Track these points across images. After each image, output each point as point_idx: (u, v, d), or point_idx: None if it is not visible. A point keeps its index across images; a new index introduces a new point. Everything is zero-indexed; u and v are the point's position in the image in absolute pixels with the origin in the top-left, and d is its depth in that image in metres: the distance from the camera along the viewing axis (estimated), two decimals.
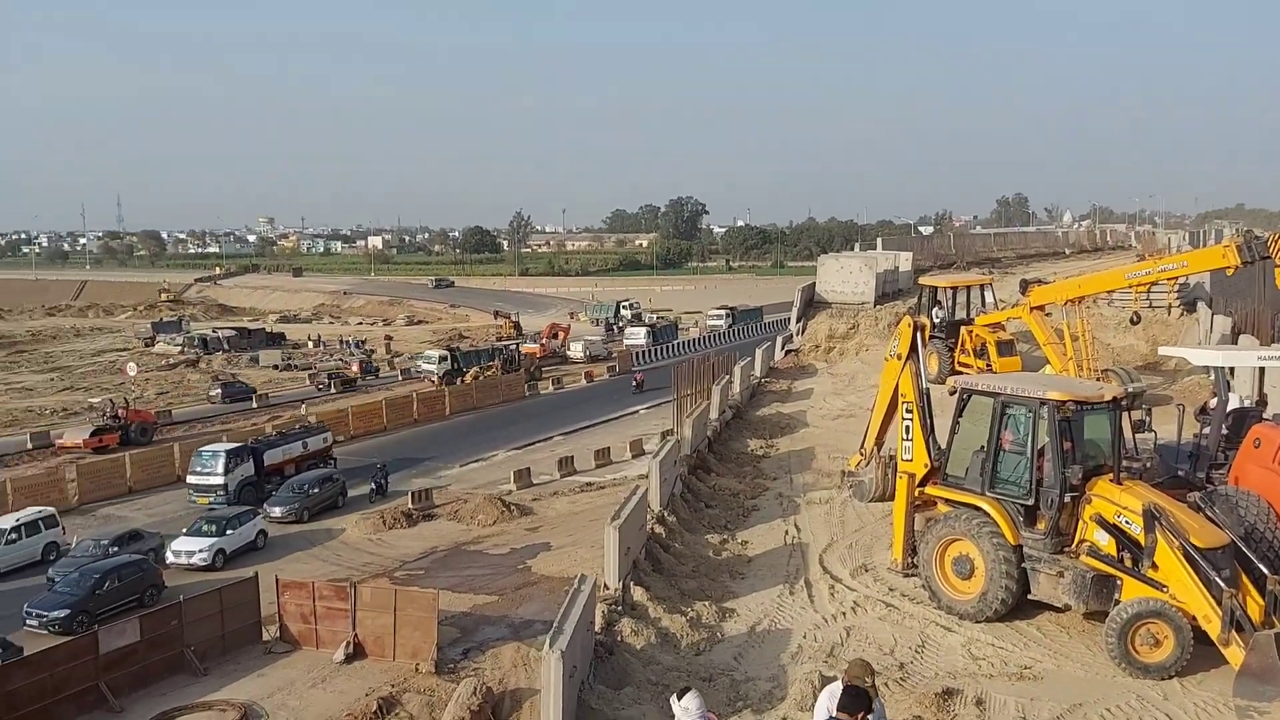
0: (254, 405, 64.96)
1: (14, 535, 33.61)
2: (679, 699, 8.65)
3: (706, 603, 19.98)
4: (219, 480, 40.01)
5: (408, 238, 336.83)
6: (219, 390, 68.19)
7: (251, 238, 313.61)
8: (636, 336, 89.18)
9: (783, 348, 54.90)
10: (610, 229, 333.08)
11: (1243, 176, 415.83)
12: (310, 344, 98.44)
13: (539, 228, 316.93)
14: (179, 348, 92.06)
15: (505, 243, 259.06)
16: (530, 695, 18.58)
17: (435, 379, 69.16)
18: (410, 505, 38.36)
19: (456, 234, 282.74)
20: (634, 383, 64.87)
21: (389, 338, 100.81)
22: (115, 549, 31.74)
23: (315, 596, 25.13)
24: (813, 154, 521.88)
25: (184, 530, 34.02)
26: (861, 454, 26.76)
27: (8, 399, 68.44)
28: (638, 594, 19.74)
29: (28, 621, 27.03)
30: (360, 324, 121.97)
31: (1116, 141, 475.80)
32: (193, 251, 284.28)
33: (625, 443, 48.20)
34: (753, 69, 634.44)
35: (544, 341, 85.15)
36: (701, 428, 34.38)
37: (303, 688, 22.83)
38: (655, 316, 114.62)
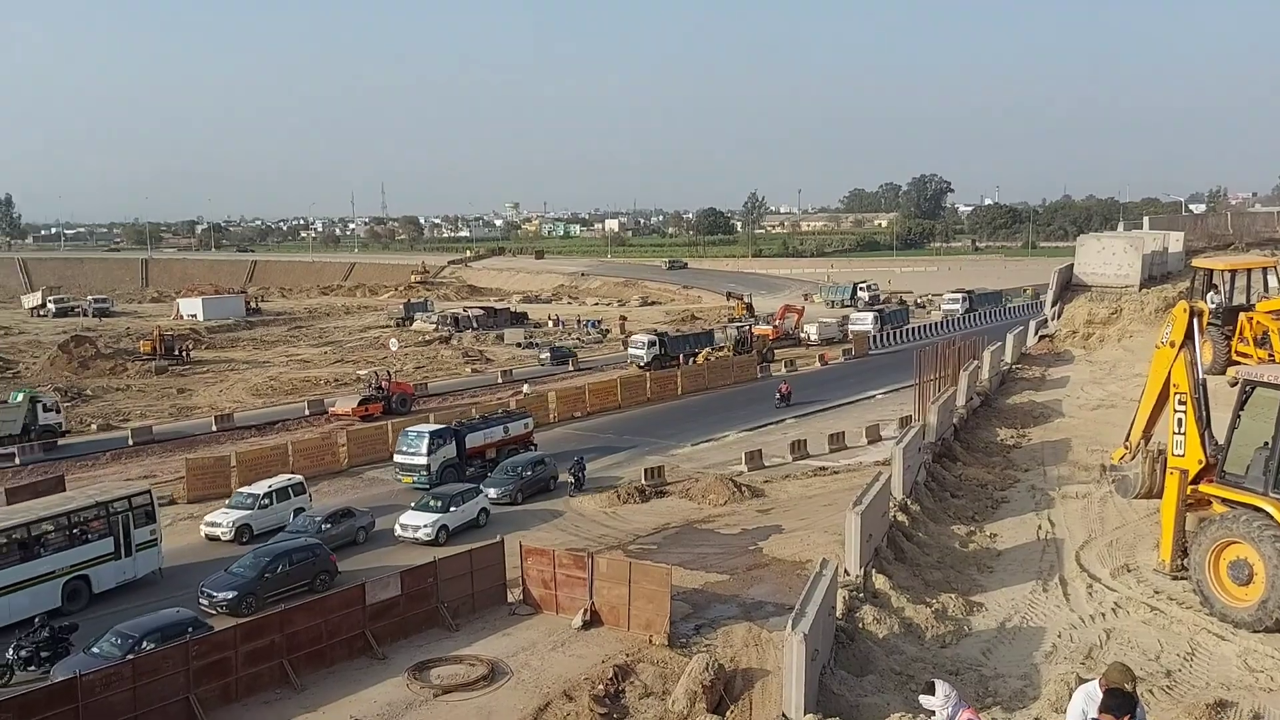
0: (570, 369, 71.31)
1: (266, 500, 35.48)
2: (928, 694, 8.34)
3: (953, 595, 19.24)
4: (422, 460, 40.44)
5: (643, 220, 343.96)
6: (548, 354, 76.42)
7: (498, 222, 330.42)
8: (862, 321, 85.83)
9: (1036, 332, 51.82)
10: (847, 209, 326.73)
11: None
12: (550, 323, 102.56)
13: (774, 208, 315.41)
14: (433, 325, 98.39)
15: (739, 224, 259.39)
16: (762, 676, 18.53)
17: (641, 364, 68.59)
18: (643, 481, 39.20)
19: (691, 216, 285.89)
20: (778, 394, 55.99)
21: (624, 318, 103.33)
22: (328, 526, 32.84)
23: (556, 564, 26.17)
24: (1070, 127, 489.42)
25: (411, 505, 34.95)
26: (1126, 447, 24.73)
27: (289, 369, 75.64)
28: (880, 582, 19.29)
29: (200, 600, 27.56)
30: (596, 304, 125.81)
31: None
32: (446, 235, 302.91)
33: (860, 428, 47.17)
34: (986, 30, 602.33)
35: (777, 323, 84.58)
36: (947, 414, 33.05)
37: (544, 649, 23.86)
38: (896, 298, 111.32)
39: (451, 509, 34.09)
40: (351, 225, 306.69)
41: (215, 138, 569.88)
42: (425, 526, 33.22)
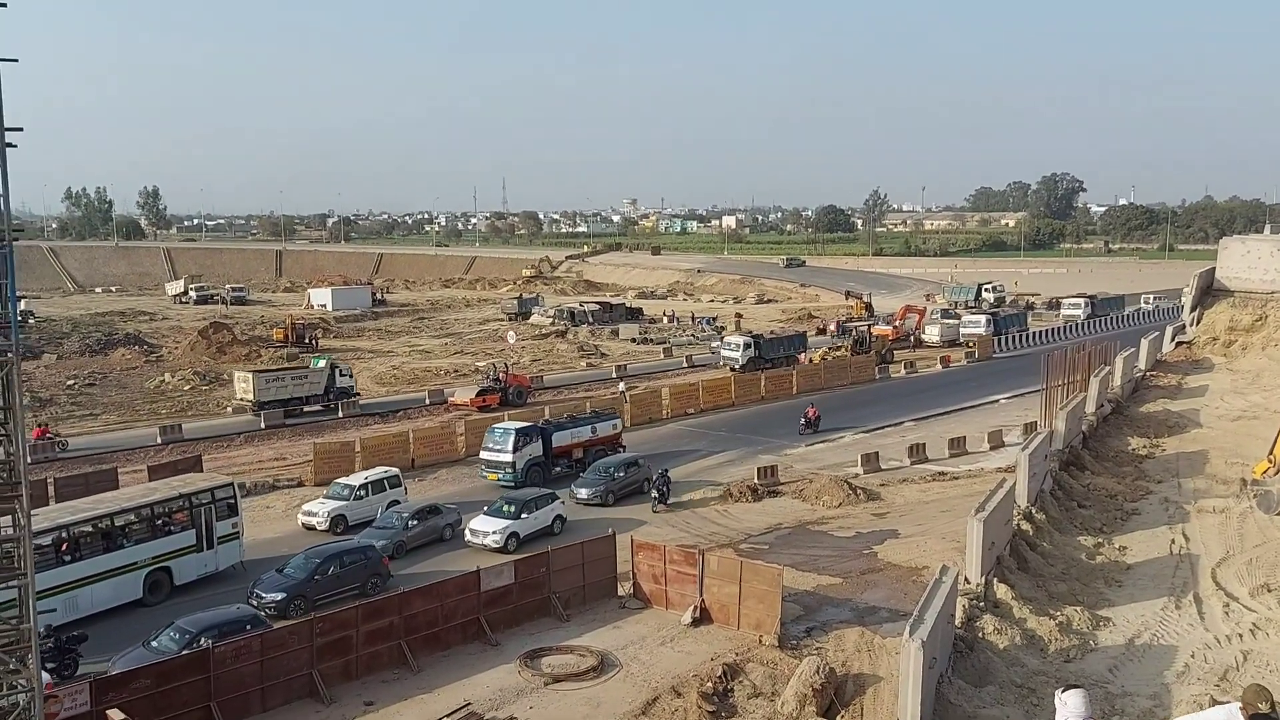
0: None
1: (362, 492, 35.51)
2: (1069, 692, 8.09)
3: (1078, 608, 18.60)
4: (508, 458, 39.83)
5: (761, 217, 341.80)
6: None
7: (616, 217, 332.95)
8: (975, 324, 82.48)
9: (1172, 339, 49.54)
10: (973, 207, 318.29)
11: None
12: (665, 319, 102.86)
13: (896, 206, 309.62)
14: (550, 319, 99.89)
15: (860, 222, 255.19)
16: (874, 682, 18.26)
17: (736, 367, 66.19)
18: (756, 480, 38.99)
19: (810, 213, 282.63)
20: (803, 420, 49.12)
21: (739, 315, 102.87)
22: (415, 522, 32.70)
23: (666, 560, 26.30)
24: (1213, 124, 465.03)
25: (484, 509, 33.84)
26: (1270, 461, 23.56)
27: (411, 359, 77.92)
28: (1001, 591, 18.78)
29: (250, 600, 26.89)
30: (712, 301, 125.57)
31: None
32: (564, 231, 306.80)
33: (983, 433, 45.98)
34: (1121, 22, 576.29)
35: (897, 324, 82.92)
36: (1076, 421, 31.92)
37: (653, 644, 24.01)
38: (1023, 300, 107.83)
39: (524, 515, 32.88)
40: (473, 220, 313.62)
41: (346, 135, 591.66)
42: (494, 533, 32.10)
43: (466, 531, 32.73)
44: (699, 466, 43.17)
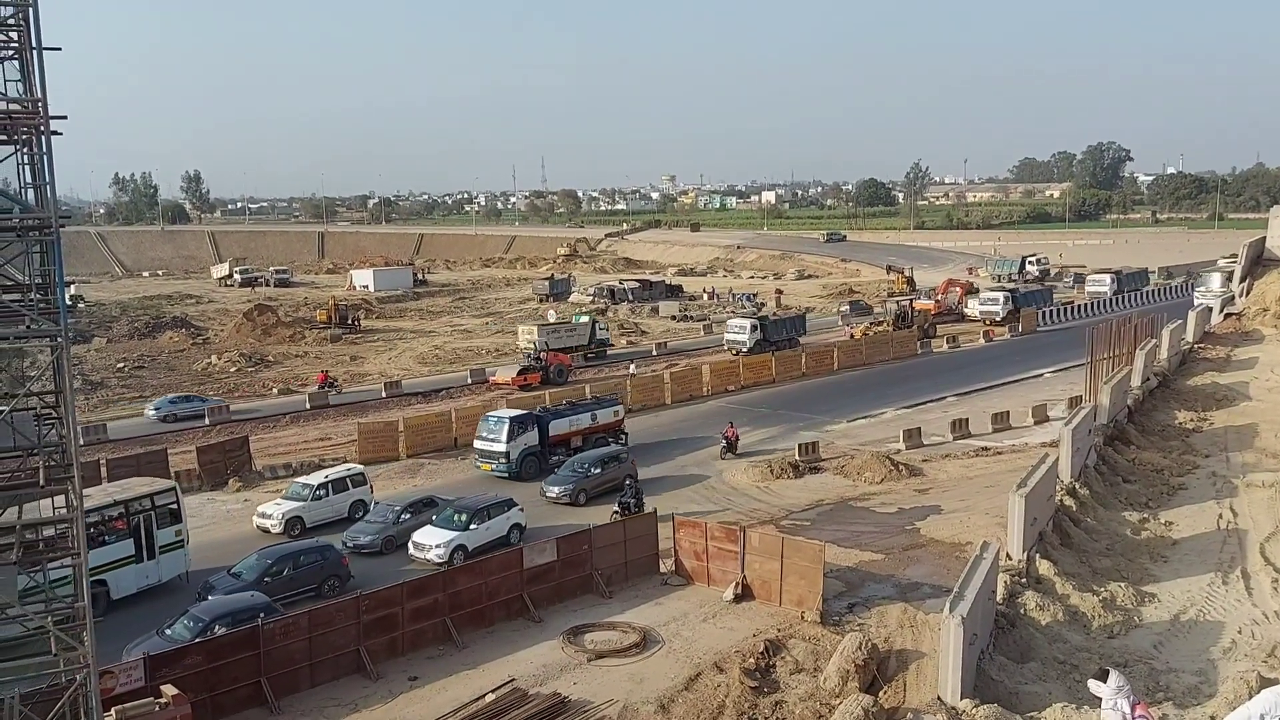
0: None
1: (321, 492, 33.42)
2: (1100, 680, 8.04)
3: (1122, 584, 18.45)
4: (501, 448, 38.18)
5: (800, 192, 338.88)
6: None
7: (654, 195, 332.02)
8: (993, 302, 78.43)
9: (1221, 310, 48.57)
10: (1017, 178, 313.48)
11: None
12: (705, 296, 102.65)
13: (937, 179, 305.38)
14: (590, 298, 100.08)
15: (901, 195, 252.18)
16: (916, 658, 18.25)
17: (741, 351, 63.97)
18: (797, 456, 38.97)
19: (850, 187, 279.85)
20: (723, 441, 41.80)
21: (779, 291, 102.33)
22: (407, 516, 31.28)
23: (708, 537, 26.46)
24: (1263, 88, 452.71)
25: (434, 517, 31.11)
26: None
27: (453, 339, 78.60)
28: (1044, 568, 18.68)
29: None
30: (752, 278, 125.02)
31: None
32: (603, 209, 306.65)
33: (1026, 408, 45.53)
34: None
35: (939, 298, 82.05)
36: (1121, 395, 31.48)
37: (695, 620, 24.20)
38: (1065, 272, 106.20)
39: (474, 526, 30.05)
40: (513, 199, 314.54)
41: (386, 116, 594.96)
42: (438, 547, 29.25)
43: (410, 544, 29.98)
44: (740, 443, 43.05)
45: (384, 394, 55.59)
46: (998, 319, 75.03)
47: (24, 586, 14.21)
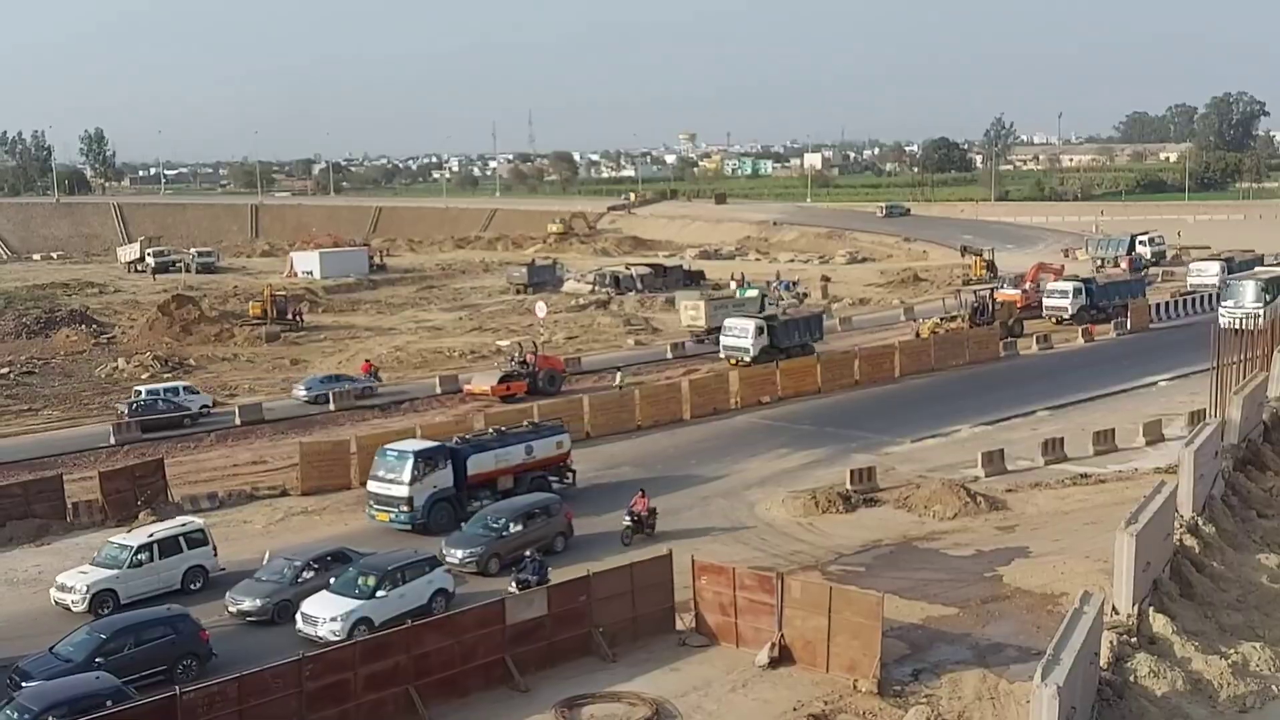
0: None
1: (144, 555, 31.54)
2: None
3: (1257, 644, 18.57)
4: (402, 491, 36.47)
5: (853, 155, 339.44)
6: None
7: (670, 158, 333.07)
8: (1060, 295, 77.42)
9: None
10: (1123, 138, 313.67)
11: None
12: (733, 284, 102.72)
13: (1024, 138, 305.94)
14: (589, 287, 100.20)
15: (978, 158, 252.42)
16: None
17: (743, 360, 62.32)
18: (849, 486, 38.96)
19: (915, 149, 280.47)
20: (627, 516, 35.78)
21: (826, 279, 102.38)
22: (309, 574, 30.30)
23: (736, 585, 26.46)
24: None
25: (330, 581, 29.65)
26: None
27: (418, 338, 78.87)
28: (1159, 624, 18.77)
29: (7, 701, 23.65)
30: (792, 261, 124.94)
31: None
32: (605, 175, 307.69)
33: (1137, 424, 45.49)
34: None
35: (1026, 287, 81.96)
36: (1255, 408, 31.54)
37: (721, 690, 24.17)
38: (1184, 255, 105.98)
39: (382, 593, 28.62)
40: (493, 164, 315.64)
41: (336, 64, 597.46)
42: (332, 622, 27.76)
43: (298, 618, 28.67)
44: (775, 469, 43.18)
45: (332, 406, 55.82)
46: (1066, 316, 74.78)
47: None
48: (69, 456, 47.12)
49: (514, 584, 29.85)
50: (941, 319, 72.40)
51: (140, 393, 55.23)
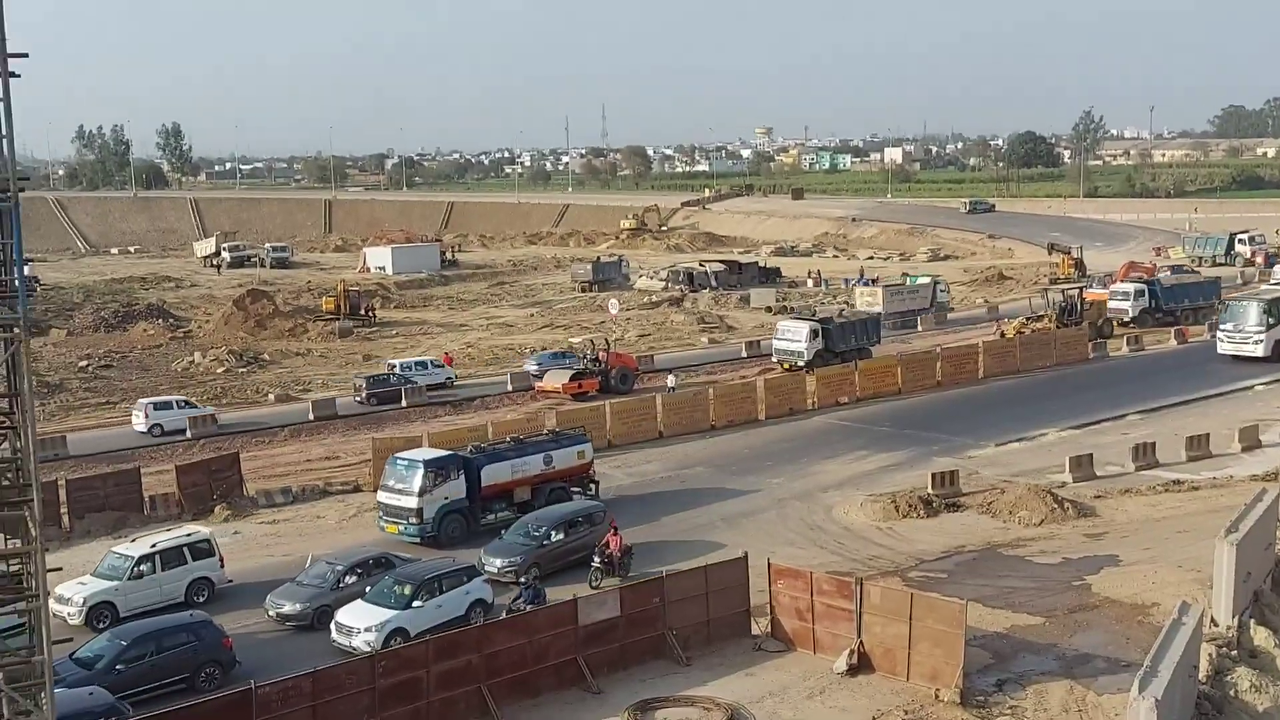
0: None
1: (145, 566, 30.86)
2: None
3: None
4: (411, 503, 35.53)
5: (935, 149, 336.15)
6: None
7: (745, 153, 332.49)
8: (1121, 297, 74.47)
9: None
10: (1219, 133, 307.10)
11: None
12: (809, 282, 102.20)
13: (1115, 132, 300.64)
14: (662, 284, 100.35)
15: (1066, 153, 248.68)
16: None
17: (797, 365, 60.44)
18: (930, 490, 38.67)
19: (1000, 143, 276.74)
20: (597, 557, 32.19)
21: (907, 276, 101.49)
22: (351, 579, 30.26)
23: (813, 590, 26.40)
24: None
25: (366, 590, 29.51)
26: None
27: (489, 335, 79.52)
28: (1261, 637, 18.40)
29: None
30: (871, 258, 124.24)
31: None
32: (679, 170, 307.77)
33: (1233, 429, 44.70)
34: None
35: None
36: None
37: (797, 697, 24.13)
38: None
39: (418, 603, 28.27)
40: (565, 158, 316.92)
41: (409, 57, 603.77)
42: (367, 632, 27.49)
43: (333, 627, 28.54)
44: (853, 471, 42.93)
45: (403, 403, 56.39)
46: (1126, 319, 72.75)
47: None
48: (147, 450, 48.07)
49: (505, 613, 28.50)
50: (1027, 319, 71.40)
51: (394, 365, 60.55)
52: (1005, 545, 33.73)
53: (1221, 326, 61.44)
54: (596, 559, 32.00)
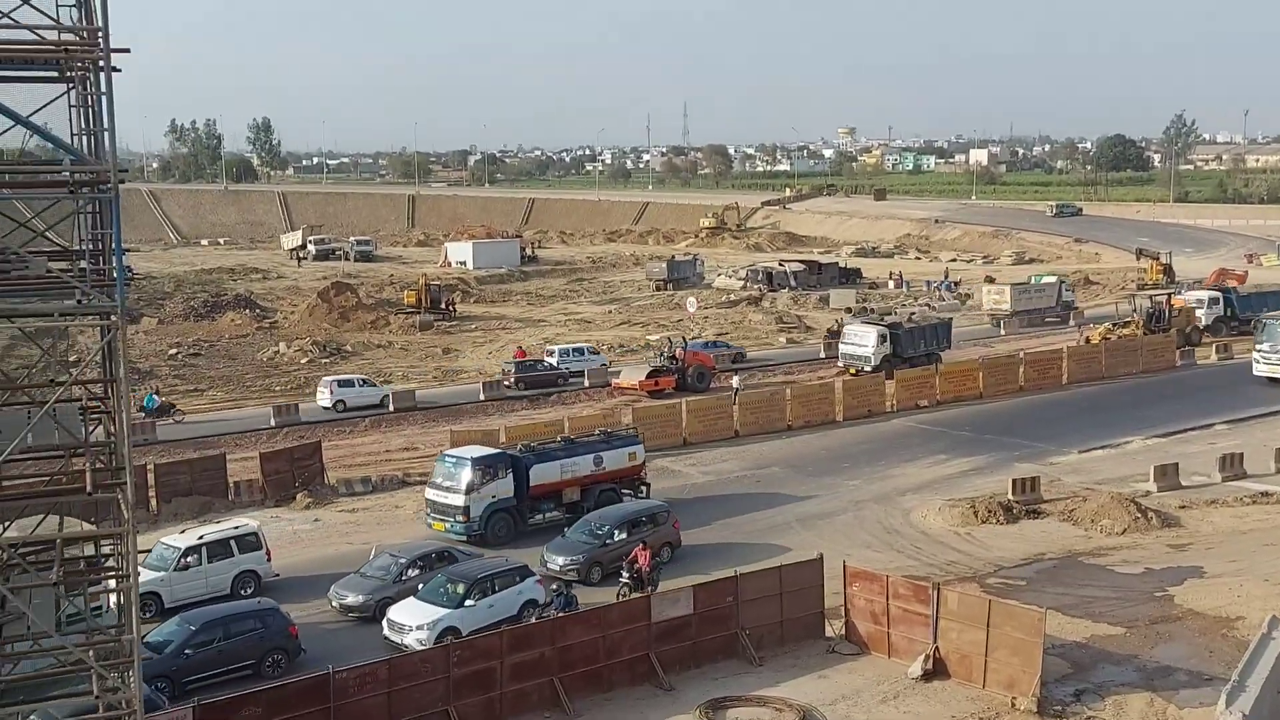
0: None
1: (191, 558, 31.03)
2: None
3: None
4: (458, 500, 35.38)
5: (1021, 151, 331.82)
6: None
7: (828, 153, 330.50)
8: (1194, 303, 71.49)
9: None
10: None
11: None
12: (890, 284, 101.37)
13: (1207, 136, 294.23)
14: (741, 283, 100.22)
15: (1157, 157, 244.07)
16: None
17: (863, 369, 59.53)
18: (1010, 496, 38.34)
19: (1088, 145, 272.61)
20: (624, 573, 30.66)
21: (990, 279, 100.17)
22: (414, 572, 30.30)
23: (889, 594, 26.29)
24: None
25: (419, 588, 29.41)
26: None
27: (568, 331, 79.87)
28: None
29: None
30: (954, 260, 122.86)
31: None
32: (760, 170, 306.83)
33: None
34: None
35: None
36: None
37: (870, 700, 24.06)
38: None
39: (470, 602, 28.17)
40: (645, 156, 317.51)
41: (493, 54, 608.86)
42: (419, 629, 27.50)
43: (384, 625, 28.60)
44: (932, 475, 42.64)
45: (481, 396, 56.92)
46: (1200, 327, 70.26)
47: (64, 613, 15.11)
48: (233, 437, 49.07)
49: (534, 619, 28.08)
50: (1114, 324, 70.23)
51: (554, 350, 63.04)
52: (1086, 554, 33.41)
53: (1258, 346, 58.09)
54: (625, 574, 30.68)
